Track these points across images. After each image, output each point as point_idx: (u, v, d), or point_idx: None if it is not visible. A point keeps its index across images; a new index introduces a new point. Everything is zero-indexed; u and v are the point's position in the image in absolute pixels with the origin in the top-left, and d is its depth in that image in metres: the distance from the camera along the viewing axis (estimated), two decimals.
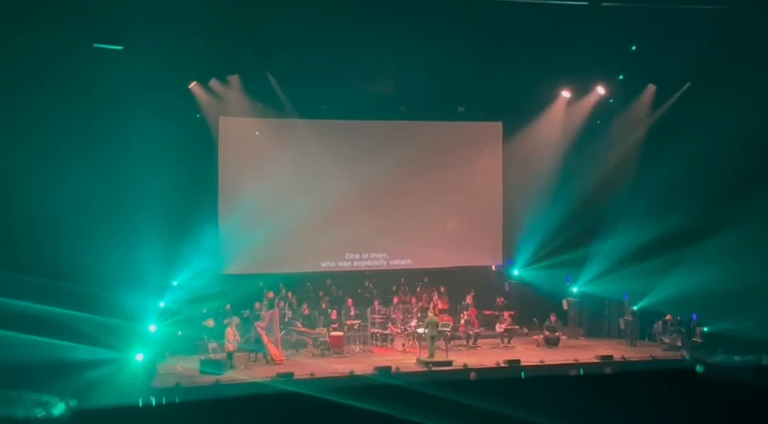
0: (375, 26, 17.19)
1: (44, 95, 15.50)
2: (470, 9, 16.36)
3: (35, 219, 14.83)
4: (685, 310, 20.05)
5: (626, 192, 21.16)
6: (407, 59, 19.13)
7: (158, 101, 18.17)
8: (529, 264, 23.16)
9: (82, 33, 16.11)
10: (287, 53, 18.84)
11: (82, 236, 15.27)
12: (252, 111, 21.50)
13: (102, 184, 16.83)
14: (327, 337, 19.86)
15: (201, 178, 20.98)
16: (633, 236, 20.27)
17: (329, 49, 18.25)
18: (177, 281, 20.09)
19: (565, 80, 22.24)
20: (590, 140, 22.21)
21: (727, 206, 18.51)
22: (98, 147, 16.75)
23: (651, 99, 21.72)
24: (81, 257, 14.91)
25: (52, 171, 15.34)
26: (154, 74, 17.73)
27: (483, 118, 23.79)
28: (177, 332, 19.03)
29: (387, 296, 22.23)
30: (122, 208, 17.36)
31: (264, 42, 18.25)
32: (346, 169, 22.43)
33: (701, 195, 19.08)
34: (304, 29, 17.29)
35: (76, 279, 14.80)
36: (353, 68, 19.64)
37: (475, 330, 21.14)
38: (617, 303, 22.18)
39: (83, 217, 15.77)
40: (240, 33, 17.66)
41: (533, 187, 22.96)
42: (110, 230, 16.61)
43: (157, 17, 16.02)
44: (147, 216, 17.61)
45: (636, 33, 17.98)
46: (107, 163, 17.04)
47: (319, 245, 22.27)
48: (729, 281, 17.68)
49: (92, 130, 16.61)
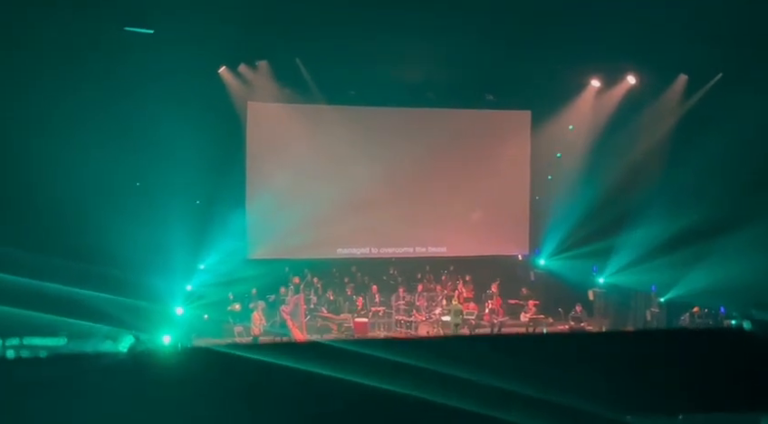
0: (404, 12, 17.10)
1: (73, 78, 15.61)
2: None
3: (62, 203, 14.96)
4: (713, 302, 19.86)
5: (654, 183, 20.96)
6: (435, 46, 19.02)
7: (187, 86, 18.29)
8: (555, 253, 23.04)
9: (113, 16, 16.21)
10: (316, 39, 18.80)
11: (110, 219, 15.38)
12: (280, 97, 21.56)
13: (130, 168, 17.01)
14: (351, 323, 19.94)
15: (229, 163, 21.04)
16: (661, 227, 20.06)
17: (357, 35, 18.20)
18: (204, 264, 20.27)
19: (595, 69, 22.06)
20: (619, 130, 21.98)
21: (757, 198, 18.28)
22: (126, 130, 16.86)
23: (682, 89, 21.49)
24: (109, 240, 15.05)
25: (80, 155, 15.45)
26: (183, 59, 17.84)
27: (511, 106, 23.65)
28: (204, 315, 19.20)
29: (412, 284, 22.26)
30: (150, 192, 17.57)
31: (293, 27, 18.25)
32: (373, 156, 22.50)
33: (730, 186, 18.86)
34: (333, 15, 17.24)
35: (103, 261, 14.95)
36: (382, 54, 19.59)
37: (500, 319, 21.12)
38: (644, 294, 21.95)
39: (111, 201, 15.91)
40: (269, 19, 17.66)
41: (561, 176, 22.82)
42: (137, 214, 16.78)
43: (187, 2, 16.07)
44: (175, 200, 17.81)
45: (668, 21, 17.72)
46: (135, 147, 17.18)
47: (345, 232, 22.38)
48: (758, 274, 17.49)
49: (121, 114, 16.72)
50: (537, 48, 18.96)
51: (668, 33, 18.21)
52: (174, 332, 16.95)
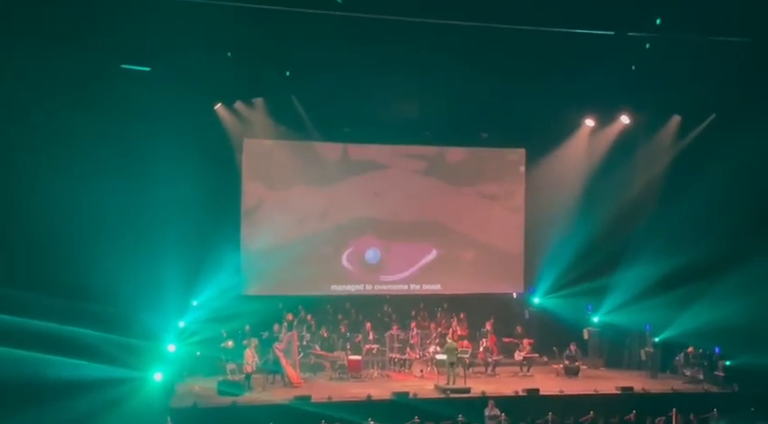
0: (400, 51, 17.26)
1: (69, 114, 15.62)
2: (495, 36, 16.37)
3: (56, 238, 14.92)
4: (707, 342, 19.80)
5: (649, 222, 21.03)
6: (431, 84, 19.20)
7: (183, 122, 18.44)
8: (550, 292, 22.97)
9: (111, 53, 16.29)
10: (311, 77, 18.97)
11: (103, 256, 15.33)
12: (276, 134, 21.69)
13: (125, 203, 16.93)
14: (345, 361, 19.81)
15: (224, 199, 21.10)
16: (656, 267, 20.09)
17: (353, 73, 18.37)
18: (198, 301, 20.16)
19: (589, 108, 22.21)
20: (613, 169, 22.06)
21: (751, 238, 18.33)
22: (122, 166, 16.87)
23: (676, 129, 21.64)
24: (101, 277, 14.99)
25: (75, 190, 15.42)
26: (180, 95, 17.96)
27: (506, 144, 23.75)
28: (196, 352, 19.08)
29: (405, 321, 22.15)
30: (145, 227, 17.49)
31: (289, 65, 18.38)
32: (368, 193, 22.52)
33: (724, 227, 18.93)
34: (329, 53, 17.40)
35: (96, 299, 14.88)
36: (377, 92, 19.78)
37: (494, 357, 21.00)
38: (638, 333, 21.87)
39: (105, 236, 15.85)
40: (266, 57, 17.81)
41: (556, 215, 22.83)
42: (131, 249, 16.74)
43: (184, 40, 16.17)
44: (169, 236, 17.76)
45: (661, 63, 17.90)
46: (130, 182, 17.17)
47: (338, 269, 22.32)
48: (752, 314, 17.48)
49: (117, 150, 16.71)
50: (532, 87, 19.12)
51: (662, 74, 18.41)
52: (166, 369, 16.80)
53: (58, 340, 14.03)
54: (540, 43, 16.85)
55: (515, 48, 17.10)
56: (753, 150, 17.89)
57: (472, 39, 16.60)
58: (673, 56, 17.64)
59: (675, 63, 17.71)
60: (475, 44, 16.98)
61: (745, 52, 16.82)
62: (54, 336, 14.04)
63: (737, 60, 17.15)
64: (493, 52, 17.38)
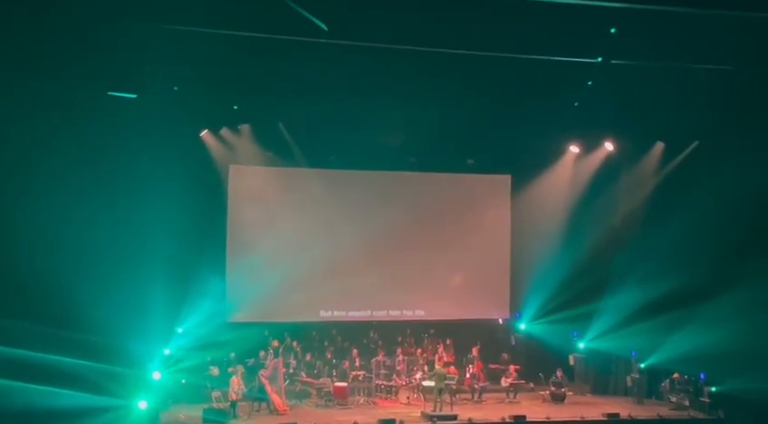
0: (385, 78, 17.33)
1: (56, 141, 15.65)
2: (481, 63, 16.48)
3: (40, 265, 14.86)
4: (693, 369, 19.84)
5: (634, 248, 21.12)
6: (417, 110, 19.27)
7: (169, 149, 18.38)
8: (536, 318, 22.99)
9: (98, 80, 16.31)
10: (298, 104, 19.03)
11: (87, 283, 15.26)
12: (262, 160, 21.70)
13: (110, 230, 16.87)
14: (331, 387, 19.72)
15: (210, 225, 21.08)
16: (641, 293, 20.19)
17: (339, 100, 18.45)
18: (183, 328, 20.03)
19: (574, 135, 22.38)
20: (598, 196, 22.21)
21: (736, 264, 18.45)
22: (106, 193, 16.82)
23: (660, 156, 21.82)
24: (87, 304, 14.93)
25: (60, 217, 15.41)
26: (166, 122, 17.99)
27: (492, 170, 23.82)
28: (182, 379, 18.92)
29: (392, 347, 22.07)
30: (130, 254, 17.40)
31: (276, 92, 18.45)
32: (354, 220, 22.49)
33: (710, 253, 19.04)
34: (315, 80, 17.46)
35: (80, 326, 14.80)
36: (363, 119, 19.85)
37: (481, 384, 20.96)
38: (624, 359, 21.92)
39: (90, 263, 15.76)
40: (252, 84, 17.86)
41: (542, 241, 22.90)
42: (116, 276, 16.60)
43: (170, 67, 16.22)
44: (154, 263, 17.65)
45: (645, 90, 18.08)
46: (115, 209, 17.10)
47: (325, 295, 22.23)
48: (738, 340, 17.54)
49: (101, 177, 16.70)
50: (517, 114, 19.31)
51: (646, 101, 18.58)
52: (150, 397, 16.67)
53: (42, 368, 13.94)
54: (525, 70, 16.95)
55: (501, 75, 17.20)
56: (735, 177, 18.08)
57: (458, 66, 16.68)
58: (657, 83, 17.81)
59: (658, 90, 17.86)
60: (462, 71, 17.07)
61: (727, 79, 17.00)
62: (38, 365, 13.94)
63: (719, 87, 17.33)
64: (479, 78, 17.49)
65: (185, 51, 15.43)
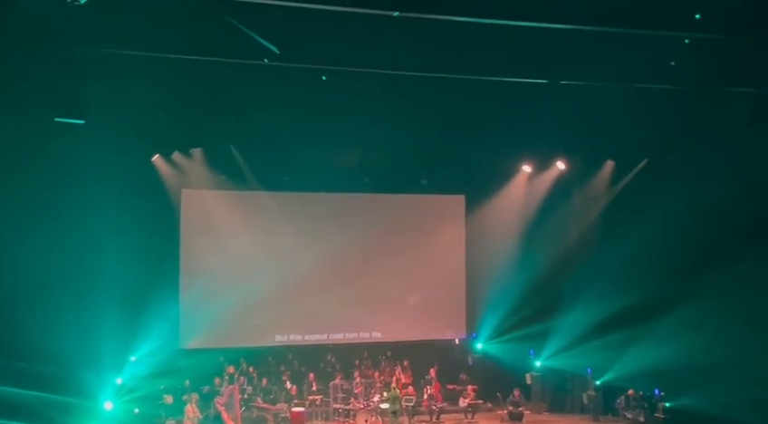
0: (339, 100, 17.33)
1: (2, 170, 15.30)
2: (434, 85, 16.55)
3: None
4: (647, 385, 20.02)
5: (588, 266, 21.27)
6: (370, 132, 19.29)
7: (120, 174, 18.13)
8: (492, 337, 23.07)
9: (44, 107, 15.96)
10: (250, 126, 18.89)
11: (37, 312, 14.93)
12: (215, 184, 21.54)
13: (60, 257, 16.49)
14: (288, 413, 19.49)
15: (163, 251, 20.74)
16: (595, 310, 20.31)
17: (292, 122, 18.36)
18: (136, 356, 19.70)
19: (526, 155, 22.57)
20: (551, 214, 22.40)
21: (688, 280, 18.66)
22: (55, 220, 16.46)
23: (610, 174, 22.10)
24: (36, 333, 14.57)
25: (8, 246, 15.04)
26: (116, 147, 17.69)
27: (445, 191, 23.91)
28: (134, 409, 18.53)
29: (349, 370, 21.96)
30: (81, 282, 17.03)
31: (228, 115, 18.31)
32: (308, 242, 22.35)
33: (662, 269, 19.25)
34: (268, 102, 17.36)
35: (29, 356, 14.42)
36: (316, 140, 19.76)
37: (439, 405, 20.92)
38: (580, 377, 22.07)
39: (39, 292, 15.40)
40: (203, 107, 17.68)
41: (496, 260, 23.00)
42: (67, 304, 16.26)
43: (119, 91, 15.98)
44: (106, 290, 17.37)
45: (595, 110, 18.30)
46: (66, 237, 16.73)
47: (281, 319, 22.10)
48: (691, 356, 17.74)
49: (50, 203, 16.33)
50: (470, 135, 19.41)
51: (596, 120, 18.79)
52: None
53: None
54: (477, 92, 17.06)
55: (454, 96, 17.28)
56: (684, 195, 18.33)
57: (411, 87, 16.73)
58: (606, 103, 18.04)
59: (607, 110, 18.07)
60: (415, 93, 17.11)
61: (674, 99, 17.28)
62: None
63: (667, 107, 17.61)
64: (432, 100, 17.55)
65: (135, 76, 15.23)
